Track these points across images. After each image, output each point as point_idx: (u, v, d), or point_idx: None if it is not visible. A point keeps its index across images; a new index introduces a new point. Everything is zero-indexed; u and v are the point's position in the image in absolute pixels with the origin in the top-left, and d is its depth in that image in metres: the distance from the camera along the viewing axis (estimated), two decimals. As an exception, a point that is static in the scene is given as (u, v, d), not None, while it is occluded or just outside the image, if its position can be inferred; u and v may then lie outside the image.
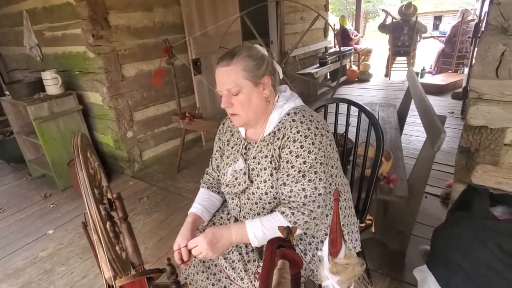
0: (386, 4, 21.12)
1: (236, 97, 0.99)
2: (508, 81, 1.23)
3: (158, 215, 2.47)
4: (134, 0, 2.85)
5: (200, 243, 0.95)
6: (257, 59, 0.99)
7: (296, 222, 0.94)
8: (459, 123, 3.69)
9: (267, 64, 1.01)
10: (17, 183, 3.20)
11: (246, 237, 0.96)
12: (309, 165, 0.95)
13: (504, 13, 1.17)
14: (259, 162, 1.03)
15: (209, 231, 0.97)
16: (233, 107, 1.01)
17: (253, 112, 1.02)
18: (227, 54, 1.00)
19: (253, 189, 1.03)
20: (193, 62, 3.16)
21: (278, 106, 1.05)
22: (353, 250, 1.12)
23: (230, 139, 1.18)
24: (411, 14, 5.69)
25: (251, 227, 0.96)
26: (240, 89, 0.98)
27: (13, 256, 2.15)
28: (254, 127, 1.09)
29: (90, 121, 3.19)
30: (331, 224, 0.56)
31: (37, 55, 3.23)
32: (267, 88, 1.01)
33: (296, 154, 0.96)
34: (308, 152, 0.95)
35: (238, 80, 0.97)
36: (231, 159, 1.13)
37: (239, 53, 0.98)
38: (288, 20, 4.94)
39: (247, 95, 0.99)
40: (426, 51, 7.50)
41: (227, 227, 1.00)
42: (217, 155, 1.23)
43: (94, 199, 0.86)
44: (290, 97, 1.07)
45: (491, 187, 1.32)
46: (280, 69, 1.09)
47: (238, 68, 0.97)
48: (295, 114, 1.02)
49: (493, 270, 1.07)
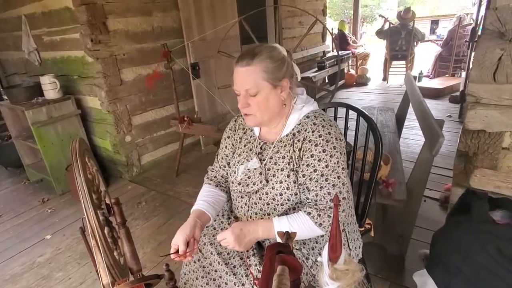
0: (383, 8, 21.30)
1: (254, 98, 0.98)
2: (506, 86, 1.24)
3: (156, 219, 2.46)
4: (132, 5, 2.86)
5: (228, 237, 0.96)
6: (278, 61, 0.97)
7: (322, 224, 0.95)
8: (457, 126, 3.71)
9: (287, 66, 1.00)
10: (14, 187, 3.19)
11: (273, 233, 0.97)
12: (331, 169, 0.95)
13: (501, 18, 1.18)
14: (276, 163, 1.03)
15: (237, 226, 0.98)
16: (249, 108, 1.00)
17: (269, 113, 1.01)
18: (247, 54, 0.97)
19: (267, 189, 1.03)
20: (191, 66, 3.17)
21: (297, 108, 1.04)
22: (355, 258, 1.11)
23: (243, 136, 1.16)
24: (409, 19, 5.73)
25: (278, 224, 0.97)
26: (258, 91, 0.97)
27: (10, 262, 2.13)
28: (268, 126, 1.09)
29: (89, 126, 3.18)
30: (331, 230, 0.56)
31: (36, 59, 3.23)
32: (285, 90, 1.00)
33: (318, 158, 0.96)
34: (330, 156, 0.96)
35: (257, 81, 0.96)
36: (244, 157, 1.11)
37: (260, 53, 0.96)
38: (287, 25, 4.97)
39: (265, 96, 0.98)
40: (423, 55, 7.55)
41: (254, 223, 1.00)
42: (227, 151, 1.20)
43: (92, 205, 0.86)
44: (307, 101, 1.08)
45: (490, 191, 1.32)
46: (298, 71, 1.08)
47: (258, 69, 0.95)
48: (316, 117, 1.02)
49: (493, 274, 1.07)
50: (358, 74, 6.49)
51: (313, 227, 0.96)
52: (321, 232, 0.98)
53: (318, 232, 0.98)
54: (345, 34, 6.77)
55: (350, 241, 1.11)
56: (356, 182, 1.51)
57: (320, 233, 0.98)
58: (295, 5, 4.99)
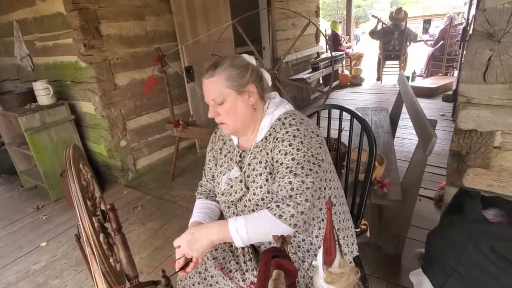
0: (376, 9, 21.47)
1: (222, 106, 1.01)
2: (496, 86, 1.25)
3: (153, 224, 2.45)
4: (125, 10, 2.85)
5: (182, 243, 0.96)
6: (240, 68, 1.01)
7: (282, 216, 0.91)
8: (450, 125, 3.74)
9: (251, 72, 1.02)
10: (8, 195, 3.15)
11: (229, 234, 0.93)
12: (296, 161, 0.95)
13: (490, 19, 1.20)
14: (254, 169, 1.04)
15: (189, 230, 0.97)
16: (220, 116, 1.04)
17: (240, 119, 1.03)
18: (211, 66, 1.02)
19: (250, 196, 1.03)
20: (186, 69, 3.17)
21: (269, 112, 1.06)
22: (349, 255, 1.11)
23: (223, 147, 1.18)
24: (401, 19, 5.79)
25: (233, 223, 0.94)
26: (224, 98, 1.00)
27: (4, 270, 2.11)
28: (245, 134, 1.10)
29: (83, 131, 3.16)
30: (325, 233, 0.57)
31: (28, 65, 3.20)
32: (252, 95, 1.03)
33: (285, 152, 0.96)
34: (296, 149, 0.96)
35: (221, 90, 0.99)
36: (225, 167, 1.13)
37: (222, 63, 1.00)
38: (280, 27, 4.99)
39: (232, 103, 1.01)
40: (416, 55, 7.61)
41: (208, 226, 0.99)
42: (211, 164, 1.23)
43: (87, 211, 0.85)
44: (280, 103, 1.08)
45: (483, 190, 1.34)
46: (268, 76, 1.10)
47: (221, 78, 0.99)
48: (285, 118, 1.03)
49: (487, 273, 1.08)
50: (352, 74, 6.53)
51: (274, 221, 0.91)
52: (285, 226, 0.91)
53: (282, 226, 0.91)
54: (338, 35, 6.81)
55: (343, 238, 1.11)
56: (351, 183, 1.52)
57: (285, 227, 0.91)
58: (288, 7, 5.02)
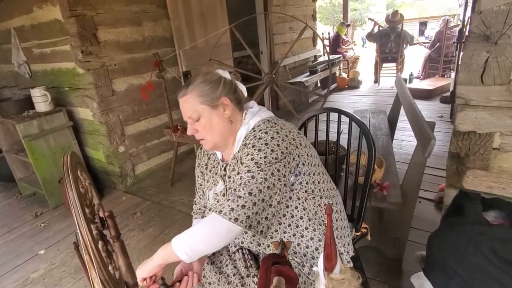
0: (372, 12, 21.61)
1: (198, 122, 1.02)
2: (493, 87, 1.26)
3: (152, 230, 2.44)
4: (123, 16, 2.86)
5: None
6: (212, 83, 1.02)
7: (222, 211, 0.87)
8: (448, 126, 3.75)
9: (223, 86, 1.03)
10: (6, 202, 3.13)
11: (171, 248, 0.91)
12: (255, 161, 0.93)
13: (486, 21, 1.21)
14: (233, 180, 1.01)
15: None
16: (198, 133, 1.04)
17: (217, 133, 1.03)
18: (184, 85, 1.04)
19: None
20: (183, 74, 3.16)
21: (245, 123, 1.05)
22: (345, 255, 1.10)
23: (208, 162, 1.18)
24: (397, 21, 5.82)
25: (176, 237, 0.93)
26: (199, 114, 1.01)
27: (2, 279, 2.09)
28: (226, 147, 1.09)
29: (81, 137, 3.15)
30: (325, 239, 0.56)
31: (26, 72, 3.20)
32: (227, 108, 1.03)
33: (247, 153, 0.95)
34: (258, 150, 0.94)
35: (195, 106, 1.00)
36: (211, 182, 1.13)
37: (194, 81, 1.02)
38: (277, 31, 5.01)
39: (208, 118, 1.02)
40: (413, 57, 7.65)
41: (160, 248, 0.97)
42: (200, 180, 1.23)
43: (85, 219, 0.85)
44: (257, 112, 1.08)
45: (483, 191, 1.33)
46: (243, 88, 1.10)
47: (193, 95, 1.00)
48: (258, 125, 1.02)
49: (488, 275, 1.07)
50: (349, 77, 6.55)
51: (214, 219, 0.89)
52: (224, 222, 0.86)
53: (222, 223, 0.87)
54: (340, 37, 6.80)
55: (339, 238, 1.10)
56: (350, 186, 1.52)
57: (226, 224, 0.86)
58: (285, 11, 5.04)
